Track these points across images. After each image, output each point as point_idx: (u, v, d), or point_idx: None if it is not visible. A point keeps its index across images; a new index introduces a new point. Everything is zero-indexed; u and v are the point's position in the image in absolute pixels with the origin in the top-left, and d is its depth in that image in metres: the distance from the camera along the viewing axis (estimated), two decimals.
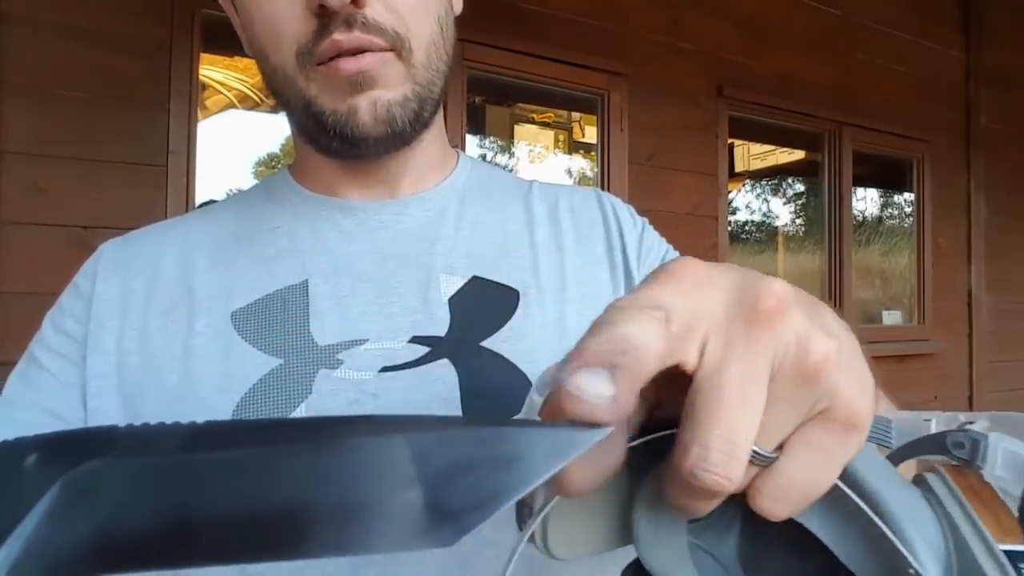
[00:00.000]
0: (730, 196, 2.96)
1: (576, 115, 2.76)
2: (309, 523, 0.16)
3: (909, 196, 3.39)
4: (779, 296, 0.19)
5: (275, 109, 2.41)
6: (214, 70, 2.33)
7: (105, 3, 1.68)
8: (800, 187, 3.65)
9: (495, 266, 0.52)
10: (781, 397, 0.19)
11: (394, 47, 0.45)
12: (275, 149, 2.55)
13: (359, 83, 0.45)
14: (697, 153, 2.62)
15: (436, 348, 0.47)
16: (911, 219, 3.39)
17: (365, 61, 0.44)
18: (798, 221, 3.71)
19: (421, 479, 0.17)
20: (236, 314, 0.48)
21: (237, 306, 0.48)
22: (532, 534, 0.22)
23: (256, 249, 0.51)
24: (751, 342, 0.18)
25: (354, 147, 0.48)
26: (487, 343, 0.48)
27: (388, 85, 0.46)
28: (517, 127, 2.71)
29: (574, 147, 2.82)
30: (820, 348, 0.19)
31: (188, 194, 1.75)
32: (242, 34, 0.51)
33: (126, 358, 0.47)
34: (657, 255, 0.57)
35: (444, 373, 0.46)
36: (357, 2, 0.43)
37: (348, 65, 0.44)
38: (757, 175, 3.64)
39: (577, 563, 0.24)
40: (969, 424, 0.21)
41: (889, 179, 3.49)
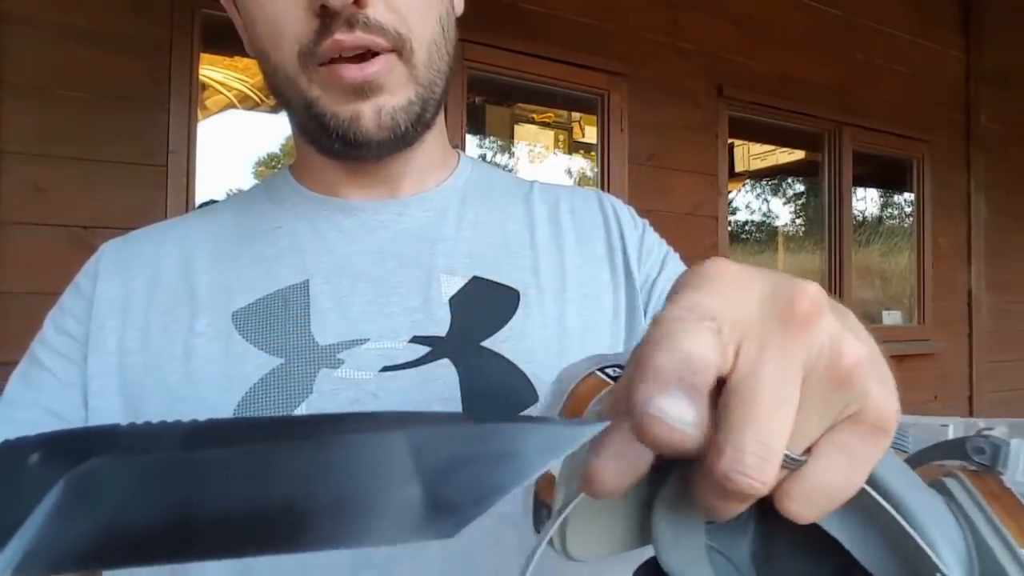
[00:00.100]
0: (730, 196, 2.97)
1: (576, 115, 2.76)
2: (308, 517, 0.16)
3: (909, 196, 3.39)
4: (814, 299, 0.19)
5: (275, 109, 2.41)
6: (214, 70, 2.33)
7: (105, 3, 1.68)
8: (800, 187, 3.66)
9: (495, 266, 0.52)
10: (812, 400, 0.19)
11: (396, 47, 0.45)
12: (275, 149, 2.55)
13: (365, 91, 0.45)
14: (697, 153, 2.62)
15: (437, 348, 0.47)
16: (911, 219, 3.39)
17: (371, 70, 0.44)
18: (798, 221, 3.71)
19: (419, 474, 0.17)
20: (237, 314, 0.48)
21: (238, 306, 0.48)
22: (551, 536, 0.22)
23: (257, 249, 0.51)
24: (787, 344, 0.18)
25: (356, 149, 0.48)
26: (487, 343, 0.48)
27: (393, 90, 0.46)
28: (517, 127, 2.71)
29: (574, 147, 2.82)
30: (852, 351, 0.19)
31: (188, 194, 1.75)
32: (243, 34, 0.51)
33: (127, 358, 0.47)
34: (657, 257, 0.57)
35: (445, 373, 0.46)
36: (359, 2, 0.42)
37: (353, 73, 0.44)
38: (757, 175, 3.64)
39: (593, 564, 0.24)
40: (988, 430, 0.21)
41: (889, 179, 3.49)
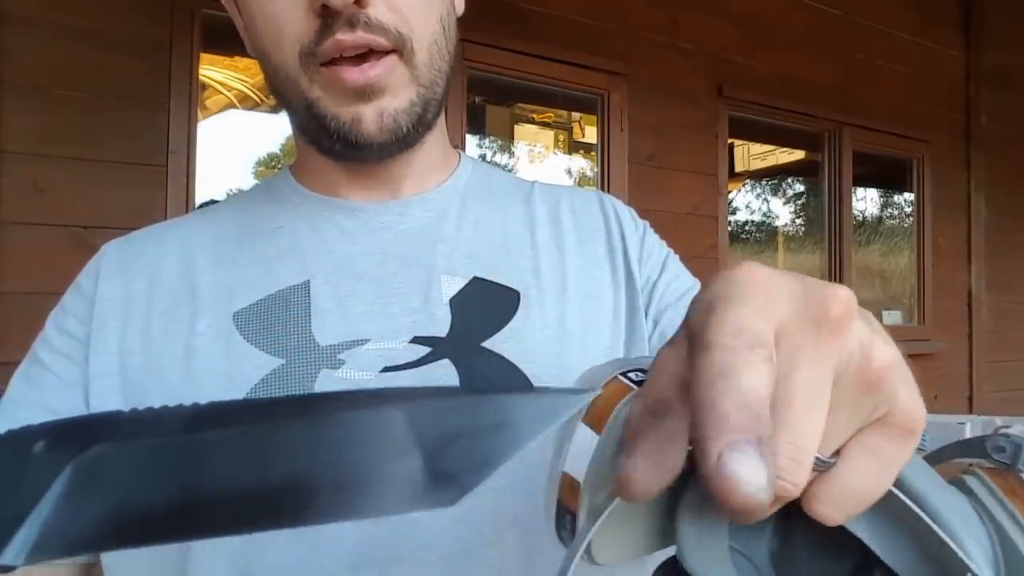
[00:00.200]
0: (730, 196, 2.97)
1: (576, 115, 2.76)
2: (310, 492, 0.17)
3: (909, 196, 3.40)
4: (846, 303, 0.19)
5: (275, 109, 2.40)
6: (214, 70, 2.32)
7: (105, 3, 1.68)
8: (800, 187, 3.65)
9: (496, 267, 0.52)
10: (843, 403, 0.19)
11: (397, 47, 0.45)
12: (275, 149, 2.54)
13: (366, 93, 0.45)
14: (697, 153, 2.62)
15: (437, 348, 0.47)
16: (911, 219, 3.39)
17: (373, 73, 0.44)
18: (798, 221, 3.71)
19: (416, 446, 0.17)
20: (238, 314, 0.48)
21: (239, 306, 0.48)
22: (573, 540, 0.22)
23: (257, 249, 0.51)
24: (819, 348, 0.18)
25: (357, 151, 0.48)
26: (488, 344, 0.48)
27: (395, 92, 0.46)
28: (517, 127, 2.71)
29: (574, 147, 2.81)
30: (882, 355, 0.19)
31: (188, 194, 1.75)
32: (244, 34, 0.51)
33: (128, 358, 0.47)
34: (658, 259, 0.57)
35: (445, 373, 0.46)
36: (360, 2, 0.42)
37: (355, 77, 0.44)
38: (757, 175, 3.63)
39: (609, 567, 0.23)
40: (1006, 428, 0.21)
41: (889, 179, 3.50)
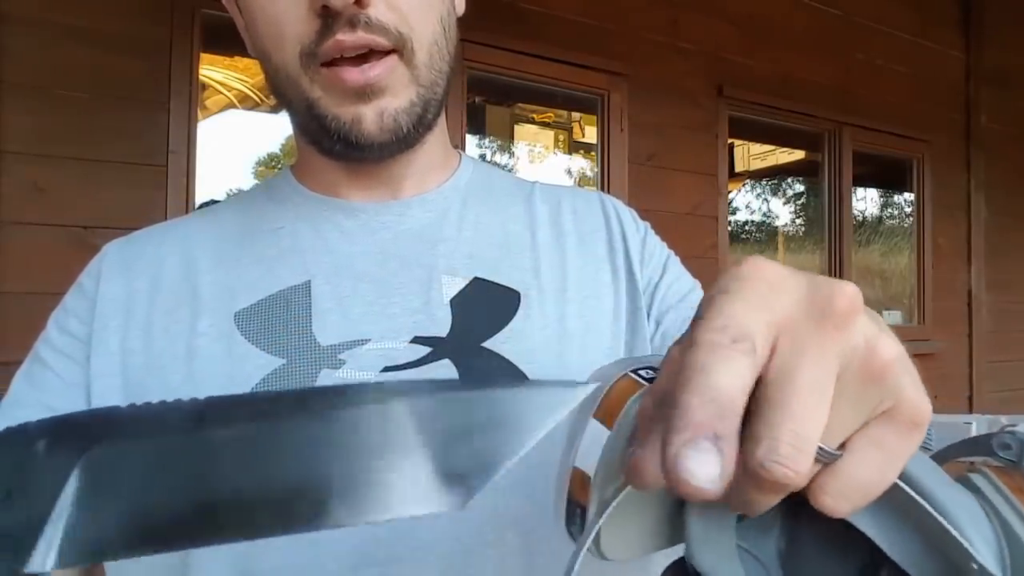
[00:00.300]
0: (730, 196, 2.97)
1: (576, 115, 2.76)
2: (321, 495, 0.17)
3: (909, 196, 3.40)
4: (851, 298, 0.19)
5: (275, 109, 2.40)
6: (214, 70, 2.32)
7: (105, 3, 1.68)
8: (800, 187, 3.65)
9: (496, 267, 0.52)
10: (848, 395, 0.19)
11: (397, 47, 0.45)
12: (275, 149, 2.54)
13: (367, 93, 0.45)
14: (697, 153, 2.62)
15: (438, 348, 0.47)
16: (911, 219, 3.39)
17: (373, 73, 0.44)
18: (798, 221, 3.71)
19: (424, 445, 0.17)
20: (239, 314, 0.48)
21: (240, 306, 0.48)
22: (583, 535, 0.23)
23: (258, 249, 0.51)
24: (824, 340, 0.19)
25: (357, 151, 0.48)
26: (488, 344, 0.48)
27: (395, 92, 0.46)
28: (517, 127, 2.71)
29: (574, 147, 2.81)
30: (887, 350, 0.19)
31: (188, 194, 1.75)
32: (245, 35, 0.51)
33: (130, 358, 0.47)
34: (659, 260, 0.57)
35: (445, 373, 0.46)
36: (360, 2, 0.42)
37: (355, 77, 0.44)
38: (757, 175, 3.63)
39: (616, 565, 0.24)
40: (1012, 427, 0.21)
41: (889, 179, 3.49)
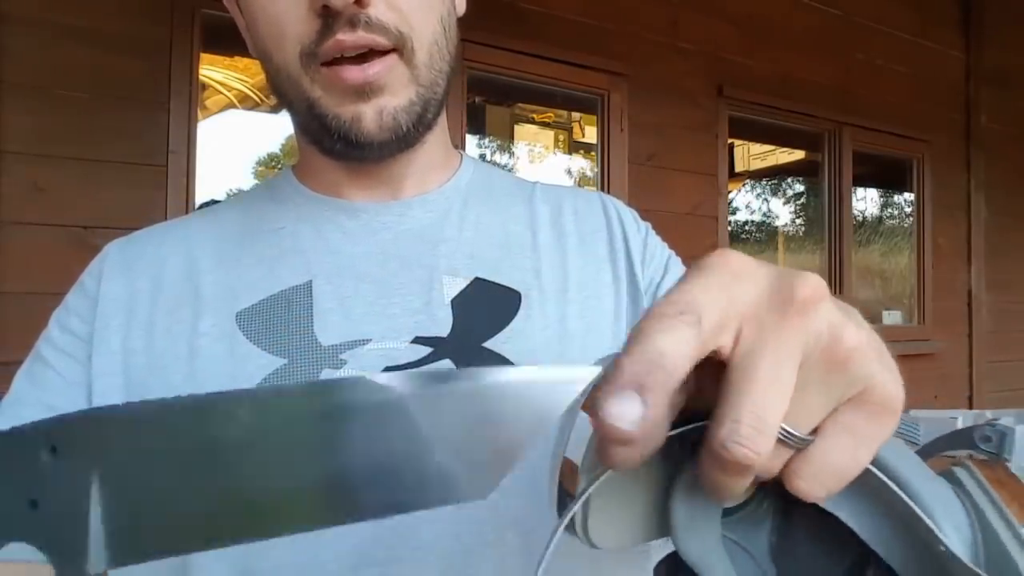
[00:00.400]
0: (730, 196, 2.97)
1: (576, 115, 2.76)
2: (350, 490, 0.17)
3: (909, 196, 3.40)
4: (814, 287, 0.20)
5: (275, 109, 2.40)
6: (214, 70, 2.32)
7: (105, 3, 1.68)
8: (800, 187, 3.65)
9: (497, 267, 0.52)
10: (814, 382, 0.20)
11: (397, 47, 0.45)
12: (275, 149, 2.54)
13: (366, 92, 0.45)
14: (697, 153, 2.62)
15: (438, 349, 0.47)
16: (911, 219, 3.39)
17: (372, 71, 0.44)
18: (798, 221, 3.71)
19: (440, 438, 0.17)
20: (241, 314, 0.48)
21: (242, 306, 0.48)
22: (573, 522, 0.23)
23: (260, 249, 0.51)
24: (784, 326, 0.20)
25: (357, 150, 0.48)
26: (489, 344, 0.48)
27: (394, 91, 0.46)
28: (517, 127, 2.71)
29: (574, 147, 2.81)
30: (852, 336, 0.20)
31: (188, 194, 1.75)
32: (246, 35, 0.51)
33: (131, 358, 0.47)
34: (660, 261, 0.57)
35: None
36: (360, 2, 0.42)
37: (354, 75, 0.44)
38: (757, 175, 3.63)
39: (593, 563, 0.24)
40: (995, 421, 0.21)
41: (889, 179, 3.49)
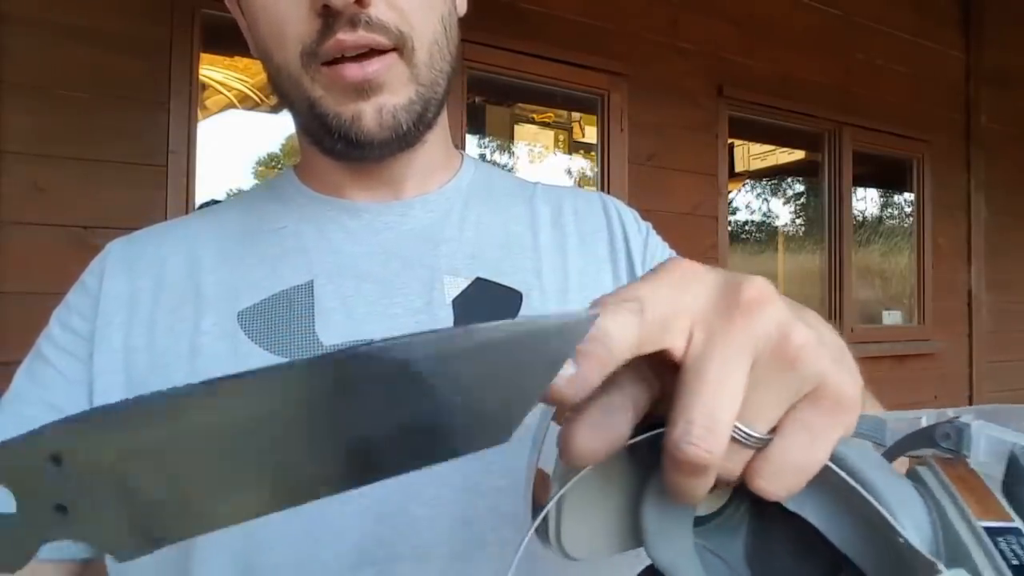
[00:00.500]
0: (730, 196, 2.96)
1: (576, 115, 2.76)
2: (369, 453, 0.17)
3: (909, 196, 3.39)
4: (759, 288, 0.21)
5: (275, 109, 2.41)
6: (214, 70, 2.32)
7: (105, 3, 1.68)
8: (800, 187, 3.65)
9: (498, 268, 0.52)
10: (767, 381, 0.20)
11: (397, 46, 0.45)
12: (275, 149, 2.54)
13: (365, 90, 0.45)
14: (697, 153, 2.62)
15: None
16: (911, 219, 3.39)
17: (371, 68, 0.44)
18: (798, 221, 3.70)
19: (455, 394, 0.18)
20: (243, 313, 0.48)
21: (244, 305, 0.48)
22: (547, 531, 0.23)
23: (262, 248, 0.51)
24: (731, 328, 0.20)
25: (358, 149, 0.48)
26: None
27: (394, 89, 0.46)
28: (517, 127, 2.71)
29: (574, 147, 2.81)
30: (800, 334, 0.20)
31: (188, 194, 1.75)
32: (248, 35, 0.51)
33: (133, 356, 0.47)
34: (661, 260, 0.56)
35: None
36: (361, 2, 0.43)
37: (354, 73, 0.44)
38: (757, 175, 3.63)
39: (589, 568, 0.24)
40: (956, 418, 0.22)
41: (889, 179, 3.49)
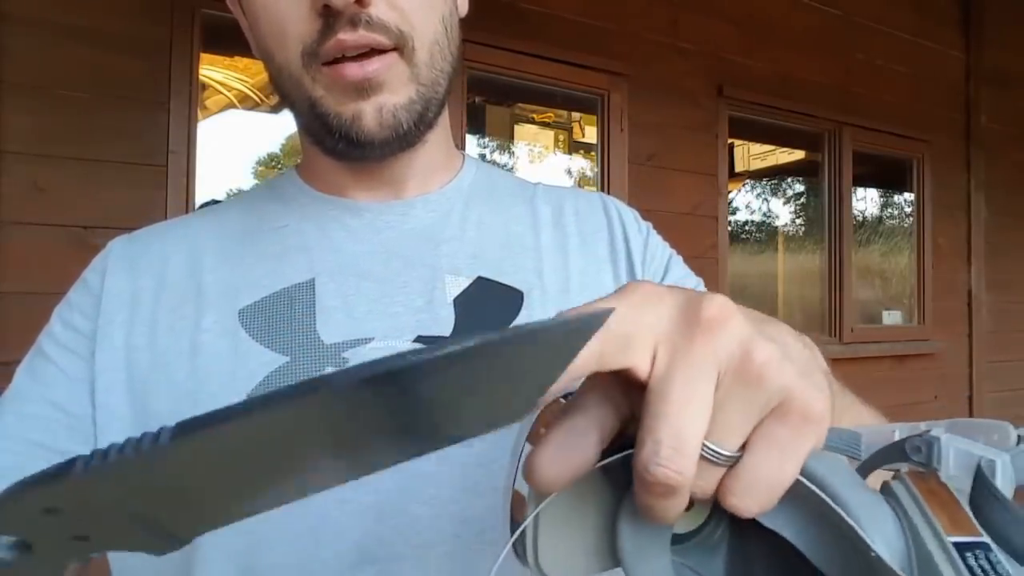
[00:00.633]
0: (730, 196, 2.97)
1: (576, 115, 2.76)
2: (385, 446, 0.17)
3: (909, 196, 3.40)
4: (720, 307, 0.21)
5: (275, 109, 2.41)
6: (214, 70, 2.32)
7: (105, 3, 1.68)
8: (800, 187, 3.65)
9: (499, 267, 0.52)
10: (732, 398, 0.20)
11: (398, 46, 0.45)
12: (275, 149, 2.54)
13: (365, 89, 0.45)
14: (697, 153, 2.62)
15: None
16: (911, 219, 3.39)
17: (372, 68, 0.44)
18: (798, 221, 3.70)
19: (480, 384, 0.17)
20: (243, 311, 0.48)
21: (244, 303, 0.48)
22: (525, 552, 0.24)
23: (262, 247, 0.51)
24: (692, 347, 0.20)
25: (358, 149, 0.48)
26: None
27: (394, 89, 0.46)
28: (517, 127, 2.71)
29: (574, 147, 2.81)
30: (763, 350, 0.20)
31: (188, 194, 1.75)
32: (249, 35, 0.51)
33: (134, 354, 0.47)
34: (661, 260, 0.57)
35: None
36: (361, 1, 0.43)
37: (354, 72, 0.44)
38: (757, 175, 3.63)
39: None
40: (927, 431, 0.22)
41: (889, 179, 3.49)
